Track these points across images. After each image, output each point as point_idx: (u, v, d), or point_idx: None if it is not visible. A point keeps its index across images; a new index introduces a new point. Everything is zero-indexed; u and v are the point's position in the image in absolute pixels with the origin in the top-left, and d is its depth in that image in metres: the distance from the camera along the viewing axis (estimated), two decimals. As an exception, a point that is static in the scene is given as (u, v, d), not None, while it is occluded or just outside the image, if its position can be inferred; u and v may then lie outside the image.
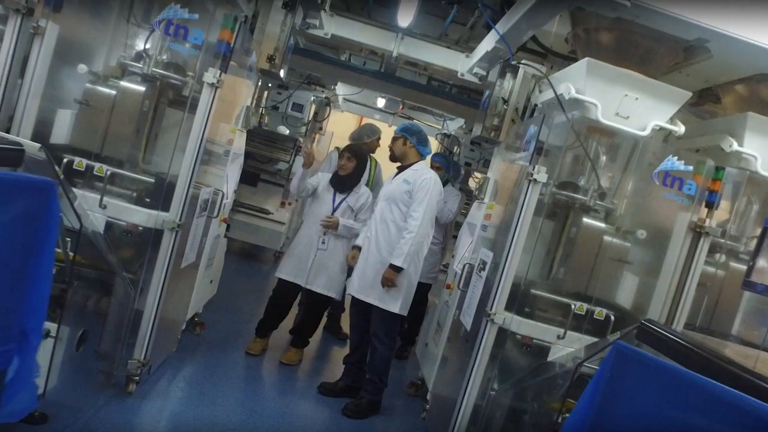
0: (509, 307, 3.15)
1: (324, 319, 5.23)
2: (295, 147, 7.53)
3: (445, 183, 5.23)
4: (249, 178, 7.32)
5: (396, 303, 3.99)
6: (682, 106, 3.19)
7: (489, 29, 4.12)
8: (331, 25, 5.07)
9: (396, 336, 4.27)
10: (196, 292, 4.19)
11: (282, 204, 7.62)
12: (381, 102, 9.13)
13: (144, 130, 3.46)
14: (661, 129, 3.18)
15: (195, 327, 4.60)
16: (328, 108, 8.20)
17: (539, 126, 3.17)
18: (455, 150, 7.96)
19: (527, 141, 3.34)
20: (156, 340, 3.45)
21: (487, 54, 4.27)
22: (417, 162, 4.17)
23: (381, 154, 5.31)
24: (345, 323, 5.26)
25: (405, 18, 5.16)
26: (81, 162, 3.20)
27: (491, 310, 3.14)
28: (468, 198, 6.33)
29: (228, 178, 4.27)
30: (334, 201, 4.58)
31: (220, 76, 3.24)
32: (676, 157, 3.21)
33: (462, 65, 5.16)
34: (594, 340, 3.04)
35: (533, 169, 3.08)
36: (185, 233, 3.48)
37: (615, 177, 3.50)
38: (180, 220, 3.30)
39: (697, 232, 3.23)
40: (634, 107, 3.09)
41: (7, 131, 3.09)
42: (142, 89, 3.39)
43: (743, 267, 3.37)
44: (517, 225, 3.12)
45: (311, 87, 7.84)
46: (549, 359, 3.12)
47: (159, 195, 3.30)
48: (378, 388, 4.09)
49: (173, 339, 4.06)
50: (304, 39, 5.73)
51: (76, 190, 3.04)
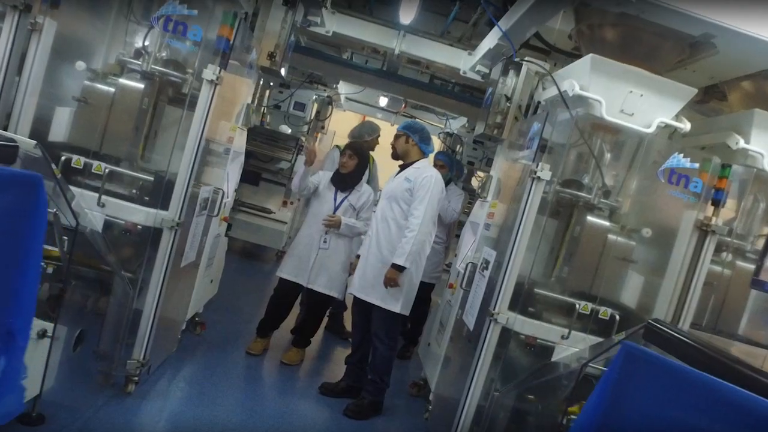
0: (512, 307, 3.11)
1: (325, 319, 5.21)
2: (297, 146, 7.52)
3: (448, 182, 5.19)
4: (251, 177, 7.30)
5: (397, 303, 3.95)
6: (687, 103, 3.15)
7: (491, 26, 4.10)
8: (333, 23, 5.05)
9: (397, 336, 4.24)
10: (196, 291, 4.16)
11: (284, 203, 7.61)
12: (383, 101, 9.11)
13: (143, 127, 3.43)
14: (667, 126, 3.13)
15: (195, 327, 4.58)
16: (330, 107, 8.18)
17: (543, 123, 3.13)
18: (458, 149, 7.93)
19: (530, 139, 3.30)
20: (155, 340, 3.42)
21: (490, 51, 4.24)
22: (419, 160, 4.14)
23: (379, 151, 5.29)
24: (348, 322, 5.23)
25: (407, 15, 5.14)
26: (79, 160, 3.17)
27: (494, 309, 3.10)
28: (471, 197, 6.30)
29: (228, 176, 4.24)
30: (335, 200, 4.55)
31: (219, 73, 3.21)
32: (681, 155, 3.17)
33: (464, 63, 5.13)
34: (599, 340, 3.01)
35: (537, 167, 3.04)
36: (185, 232, 3.45)
37: (619, 175, 3.45)
38: (179, 218, 3.27)
39: (704, 230, 3.19)
40: (639, 104, 3.05)
41: (5, 129, 3.07)
42: (141, 86, 3.36)
43: (750, 266, 3.33)
44: (521, 223, 3.09)
45: (313, 86, 7.81)
46: (553, 359, 3.09)
47: (158, 193, 3.27)
48: (379, 388, 4.05)
49: (173, 339, 4.03)
50: (306, 37, 5.71)
51: (74, 188, 3.00)
